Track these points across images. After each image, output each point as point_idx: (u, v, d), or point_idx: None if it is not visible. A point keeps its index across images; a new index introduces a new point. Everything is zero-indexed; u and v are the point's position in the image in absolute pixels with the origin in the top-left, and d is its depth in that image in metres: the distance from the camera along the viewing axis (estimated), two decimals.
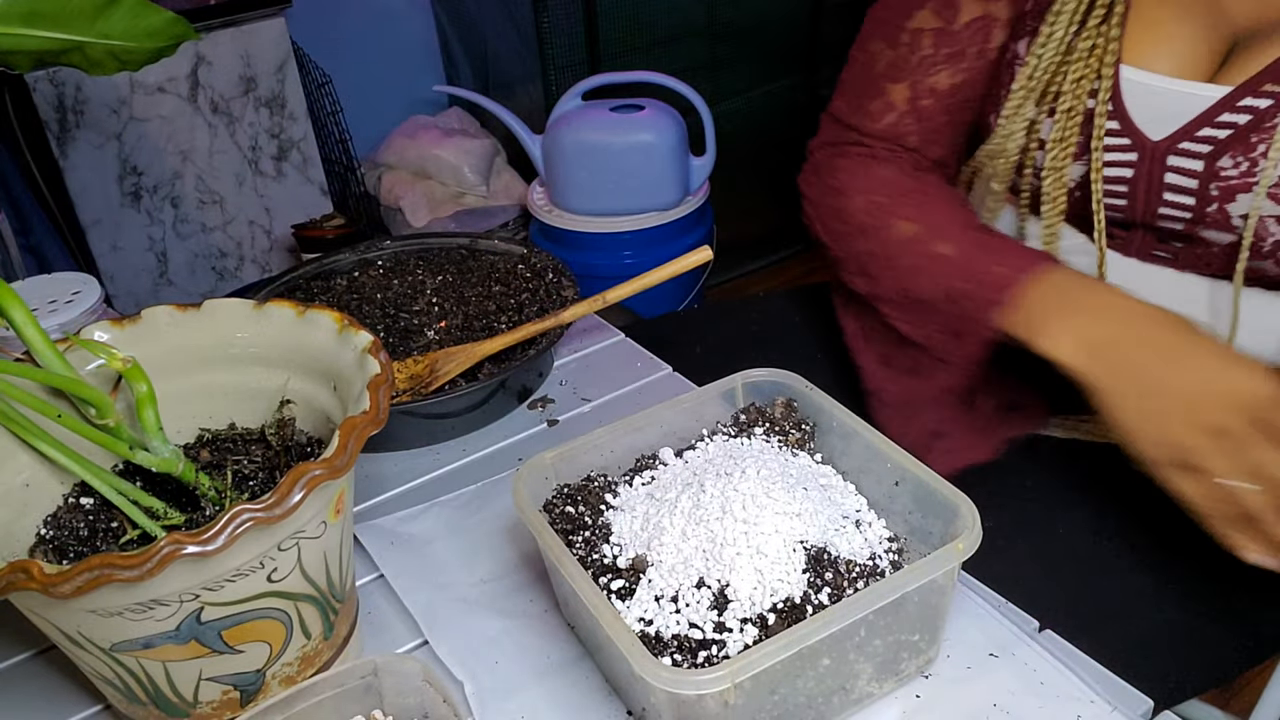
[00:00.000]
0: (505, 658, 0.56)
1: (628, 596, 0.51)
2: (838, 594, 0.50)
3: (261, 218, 2.11)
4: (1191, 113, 0.65)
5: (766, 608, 0.49)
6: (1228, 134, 0.64)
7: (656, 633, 0.49)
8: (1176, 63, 0.67)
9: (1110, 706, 0.51)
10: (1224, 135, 0.64)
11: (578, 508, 0.57)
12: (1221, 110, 0.64)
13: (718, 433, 0.62)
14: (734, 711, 0.45)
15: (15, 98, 1.84)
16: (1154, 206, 0.69)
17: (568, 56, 2.02)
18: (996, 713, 0.51)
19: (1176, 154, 0.66)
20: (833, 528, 0.53)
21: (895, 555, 0.53)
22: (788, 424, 0.61)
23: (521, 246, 0.88)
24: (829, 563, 0.51)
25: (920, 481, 0.53)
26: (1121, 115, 0.68)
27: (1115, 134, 0.68)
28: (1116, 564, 0.69)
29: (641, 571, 0.51)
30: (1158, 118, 0.67)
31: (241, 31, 1.91)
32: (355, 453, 0.46)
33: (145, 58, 0.52)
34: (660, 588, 0.50)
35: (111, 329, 0.55)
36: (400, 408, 0.70)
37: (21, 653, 0.59)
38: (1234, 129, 0.64)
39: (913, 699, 0.52)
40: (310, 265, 0.87)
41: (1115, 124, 0.68)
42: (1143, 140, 0.67)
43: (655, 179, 1.86)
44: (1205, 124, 0.65)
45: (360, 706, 0.50)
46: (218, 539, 0.41)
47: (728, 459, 0.57)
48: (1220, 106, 0.64)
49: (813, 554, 0.51)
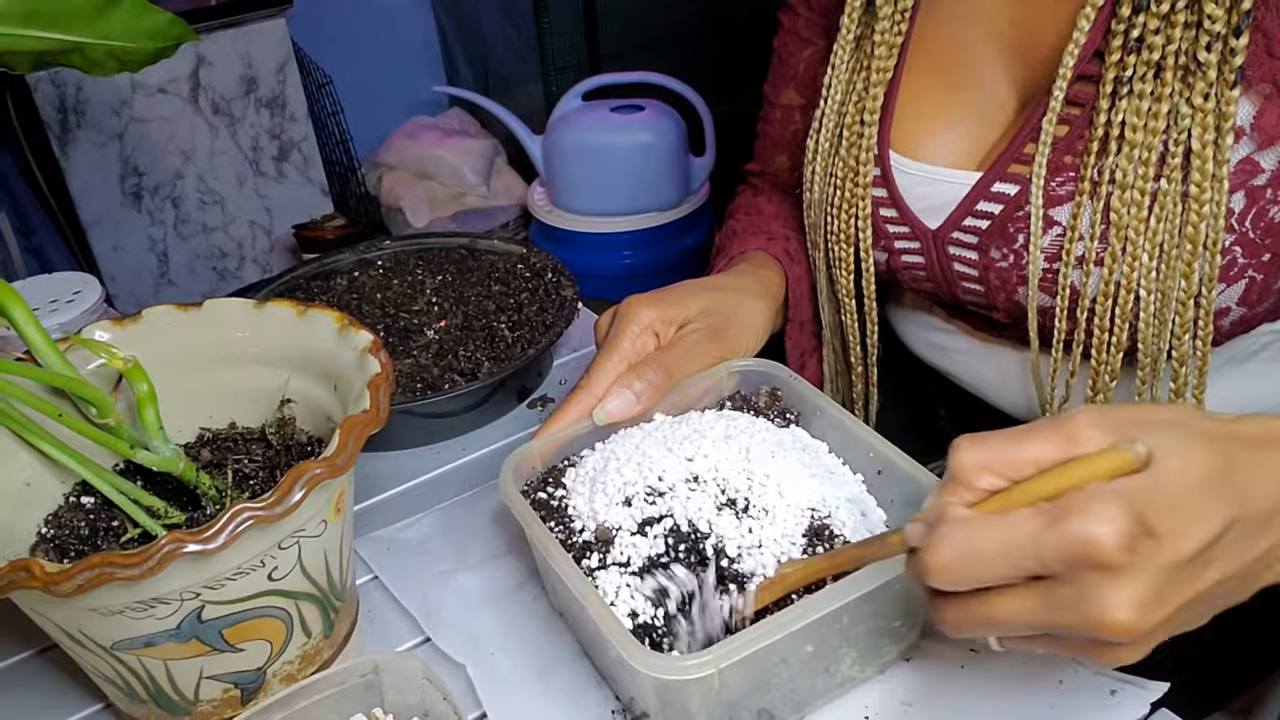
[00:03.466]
0: (500, 650, 0.56)
1: (604, 568, 0.51)
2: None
3: (262, 218, 2.11)
4: (954, 200, 0.64)
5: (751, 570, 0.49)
6: (988, 224, 0.63)
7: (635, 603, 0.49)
8: (950, 152, 0.65)
9: (1094, 672, 0.52)
10: (985, 225, 0.63)
11: (550, 490, 0.57)
12: (977, 198, 0.63)
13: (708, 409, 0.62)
14: (718, 696, 0.45)
15: (17, 98, 1.84)
16: (954, 291, 0.68)
17: (568, 56, 2.02)
18: (979, 689, 0.52)
19: (952, 244, 0.65)
20: (836, 501, 0.53)
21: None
22: (772, 412, 0.61)
23: (521, 246, 0.88)
24: (827, 538, 0.51)
25: (903, 471, 0.53)
26: (898, 204, 0.67)
27: (896, 222, 0.68)
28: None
29: (609, 541, 0.51)
30: (931, 207, 0.66)
31: (242, 32, 1.92)
32: (355, 452, 0.46)
33: (145, 59, 0.52)
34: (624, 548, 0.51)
35: (112, 328, 0.55)
36: (400, 407, 0.70)
37: (22, 651, 0.59)
38: (991, 219, 0.62)
39: (898, 684, 0.53)
40: (310, 265, 0.87)
41: (894, 212, 0.67)
42: (923, 229, 0.66)
43: (655, 179, 1.86)
44: (966, 213, 0.63)
45: (361, 704, 0.50)
46: (218, 537, 0.41)
47: (723, 421, 0.57)
48: (975, 193, 0.63)
49: (816, 527, 0.51)
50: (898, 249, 0.69)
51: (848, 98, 0.68)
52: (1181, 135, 0.54)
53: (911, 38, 0.66)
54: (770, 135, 0.85)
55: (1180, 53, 0.53)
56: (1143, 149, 0.55)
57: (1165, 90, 0.53)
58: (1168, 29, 0.52)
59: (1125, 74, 0.54)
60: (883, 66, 0.66)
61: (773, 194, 0.86)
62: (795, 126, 0.83)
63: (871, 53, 0.66)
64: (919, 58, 0.67)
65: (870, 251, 0.69)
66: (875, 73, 0.66)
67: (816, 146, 0.71)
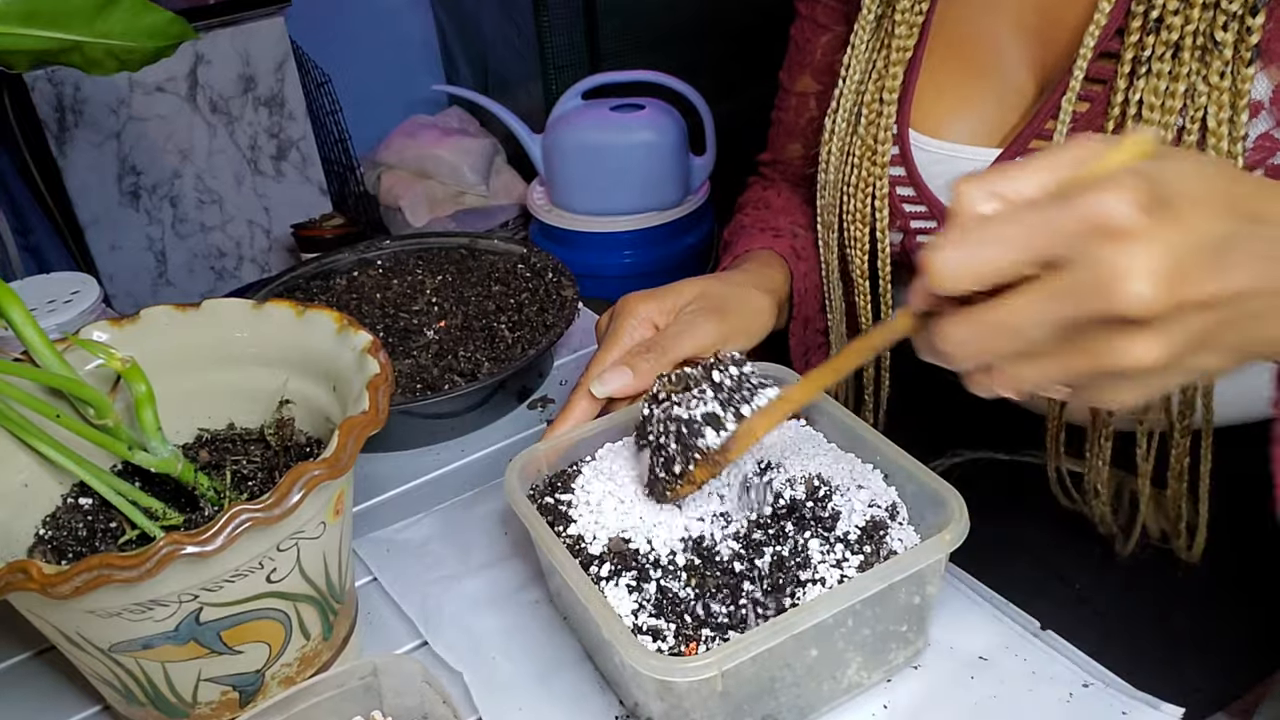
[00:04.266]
0: (502, 653, 0.56)
1: (617, 576, 0.50)
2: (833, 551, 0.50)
3: (260, 217, 2.11)
4: None
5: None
6: None
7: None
8: (970, 131, 0.66)
9: (1104, 685, 0.51)
10: None
11: (557, 496, 0.56)
12: None
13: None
14: (721, 699, 0.45)
15: (14, 97, 1.83)
16: None
17: (567, 56, 2.02)
18: (988, 701, 0.51)
19: None
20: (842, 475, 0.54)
21: (895, 522, 0.53)
22: None
23: (521, 246, 0.88)
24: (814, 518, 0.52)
25: (910, 475, 0.53)
26: (916, 183, 0.67)
27: (913, 201, 0.68)
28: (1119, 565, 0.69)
29: (620, 553, 0.51)
30: (950, 185, 0.66)
31: (240, 31, 1.91)
32: (354, 453, 0.46)
33: (144, 57, 0.52)
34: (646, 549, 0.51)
35: (110, 329, 0.55)
36: (400, 408, 0.70)
37: (20, 653, 0.59)
38: None
39: (904, 691, 0.52)
40: (309, 265, 0.87)
41: (911, 190, 0.67)
42: (941, 207, 0.66)
43: (655, 179, 1.86)
44: None
45: (360, 707, 0.49)
46: (216, 539, 0.41)
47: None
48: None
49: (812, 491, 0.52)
50: (913, 229, 0.69)
51: (867, 76, 0.68)
52: (1198, 113, 0.54)
53: (932, 20, 0.67)
54: (785, 123, 0.85)
55: (1199, 33, 0.54)
56: (1160, 127, 0.55)
57: (1183, 70, 0.54)
58: (1186, 9, 0.53)
59: (1144, 54, 0.55)
60: (903, 45, 0.66)
61: (782, 187, 0.86)
62: (810, 114, 0.83)
63: (892, 31, 0.66)
64: (940, 40, 0.67)
65: (886, 232, 0.69)
66: (895, 51, 0.66)
67: (834, 126, 0.71)
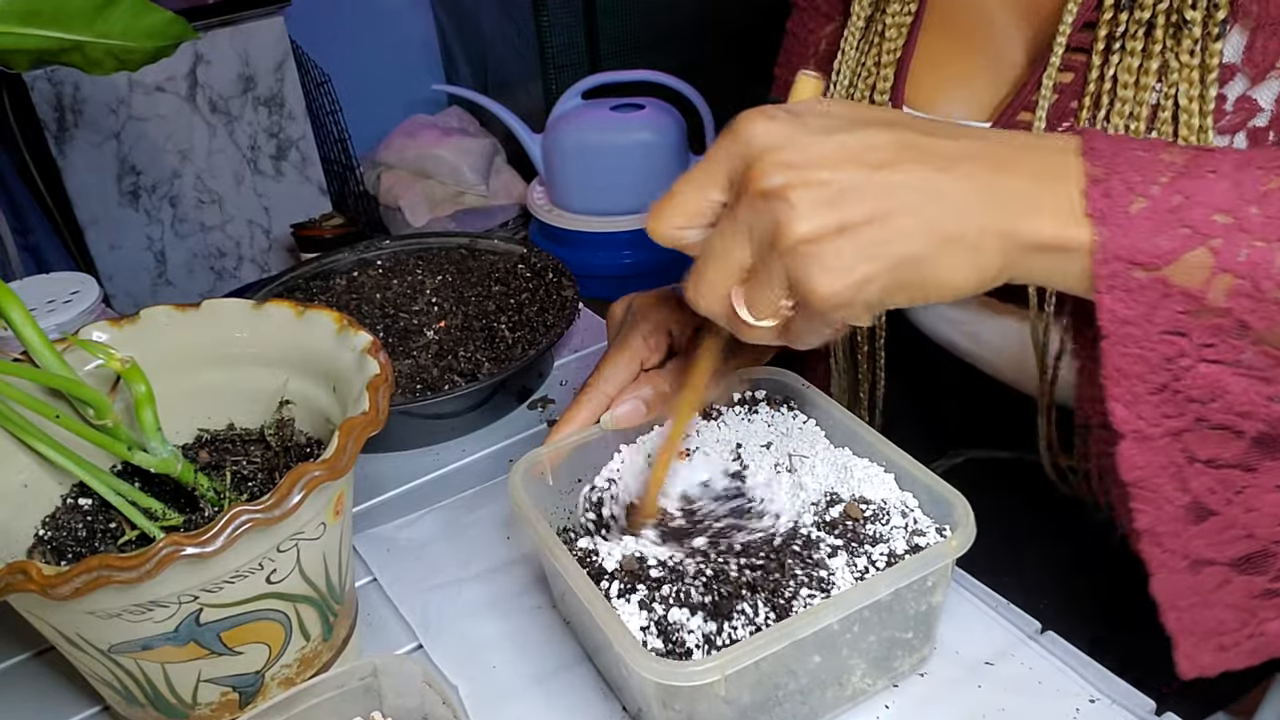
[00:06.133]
0: (503, 660, 0.56)
1: (629, 593, 0.50)
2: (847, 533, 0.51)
3: (260, 217, 2.11)
4: None
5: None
6: None
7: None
8: (963, 103, 0.65)
9: (1111, 702, 0.51)
10: None
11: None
12: None
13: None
14: (725, 705, 0.45)
15: (14, 97, 1.83)
16: None
17: (567, 56, 2.02)
18: (995, 712, 0.51)
19: None
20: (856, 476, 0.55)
21: (912, 519, 0.53)
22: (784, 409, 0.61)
23: (521, 246, 0.87)
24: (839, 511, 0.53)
25: (916, 480, 0.53)
26: None
27: None
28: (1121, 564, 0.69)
29: (633, 571, 0.51)
30: None
31: (240, 31, 1.91)
32: (354, 454, 0.46)
33: (144, 57, 0.52)
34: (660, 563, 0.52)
35: (110, 329, 0.55)
36: (400, 408, 0.70)
37: (19, 654, 0.59)
38: None
39: (908, 697, 0.52)
40: (309, 265, 0.87)
41: None
42: None
43: (655, 178, 1.86)
44: None
45: (360, 708, 0.49)
46: (216, 540, 0.41)
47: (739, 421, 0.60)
48: None
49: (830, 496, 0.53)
50: None
51: (864, 54, 0.69)
52: (1171, 89, 0.55)
53: (927, 2, 0.67)
54: None
55: (1171, 10, 0.54)
56: (1134, 104, 0.56)
57: (1156, 47, 0.55)
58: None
59: (1118, 30, 0.55)
60: (892, 48, 0.66)
61: None
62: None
63: (883, 33, 0.67)
64: (935, 14, 0.67)
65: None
66: (890, 28, 0.66)
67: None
